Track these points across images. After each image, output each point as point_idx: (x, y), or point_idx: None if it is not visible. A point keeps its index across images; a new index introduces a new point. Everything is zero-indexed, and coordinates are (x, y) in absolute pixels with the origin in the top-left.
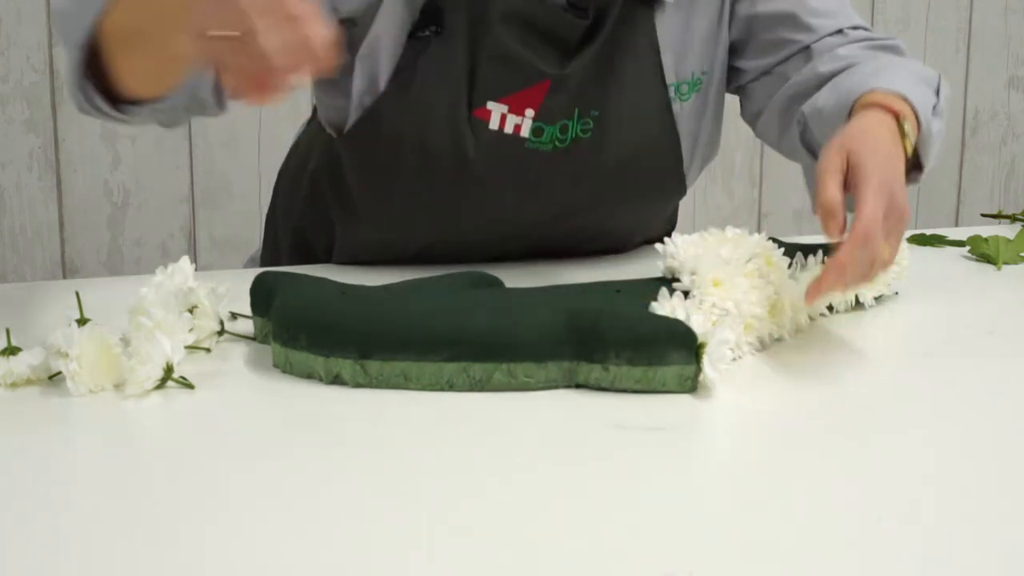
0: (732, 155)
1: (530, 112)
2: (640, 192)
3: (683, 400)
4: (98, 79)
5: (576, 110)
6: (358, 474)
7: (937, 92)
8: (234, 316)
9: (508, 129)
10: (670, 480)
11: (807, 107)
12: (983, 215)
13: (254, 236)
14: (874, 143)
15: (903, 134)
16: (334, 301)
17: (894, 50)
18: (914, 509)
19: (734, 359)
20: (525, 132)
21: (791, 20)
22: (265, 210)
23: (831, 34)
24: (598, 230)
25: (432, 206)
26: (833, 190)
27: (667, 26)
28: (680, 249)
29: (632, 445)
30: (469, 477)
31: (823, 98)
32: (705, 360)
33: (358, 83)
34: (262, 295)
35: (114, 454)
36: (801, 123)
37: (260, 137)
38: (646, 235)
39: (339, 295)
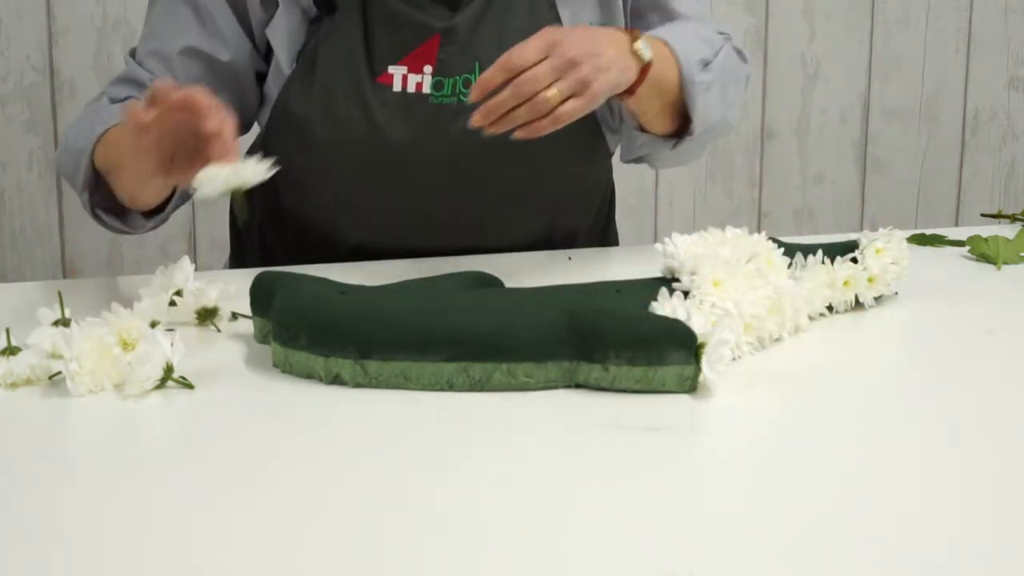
0: (732, 155)
1: (428, 68)
2: (556, 146)
3: (683, 400)
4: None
5: (476, 64)
6: (358, 474)
7: (716, 54)
8: (235, 316)
9: (411, 88)
10: (670, 480)
11: None
12: (983, 215)
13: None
14: (579, 27)
15: (635, 51)
16: (334, 301)
17: (733, 48)
18: (914, 509)
19: (734, 359)
20: (427, 88)
21: (660, 7)
22: None
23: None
24: (526, 192)
25: (354, 186)
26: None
27: None
28: (680, 249)
29: (632, 445)
30: (469, 477)
31: None
32: (704, 360)
33: (272, 76)
34: (262, 295)
35: (114, 454)
36: None
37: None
38: (582, 202)
39: (339, 295)
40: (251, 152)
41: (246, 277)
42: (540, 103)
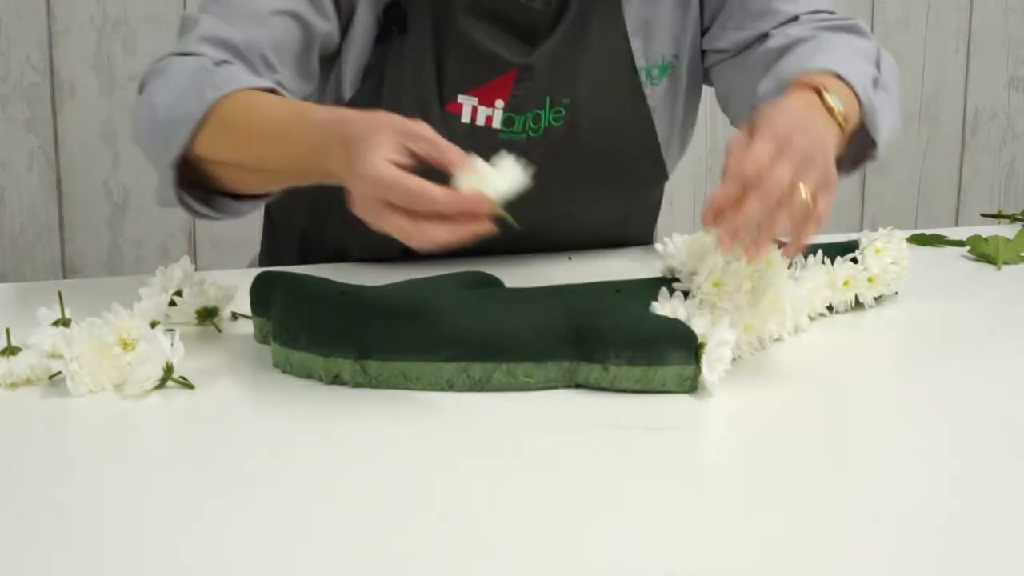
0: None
1: (500, 103)
2: (618, 178)
3: (683, 400)
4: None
5: (547, 99)
6: (358, 473)
7: (877, 65)
8: (235, 316)
9: (480, 121)
10: (670, 480)
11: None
12: (983, 215)
13: (254, 236)
14: (786, 111)
15: (829, 107)
16: (334, 301)
17: (850, 30)
18: (913, 509)
19: (734, 359)
20: (496, 123)
21: (753, 6)
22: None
23: (787, 21)
24: (581, 220)
25: None
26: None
27: (634, 10)
28: (680, 249)
29: (632, 445)
30: (468, 477)
31: (764, 86)
32: (704, 360)
33: (330, 89)
34: (262, 295)
35: (114, 454)
36: (749, 111)
37: None
38: (633, 226)
39: (339, 295)
40: None
41: (246, 277)
42: (799, 208)
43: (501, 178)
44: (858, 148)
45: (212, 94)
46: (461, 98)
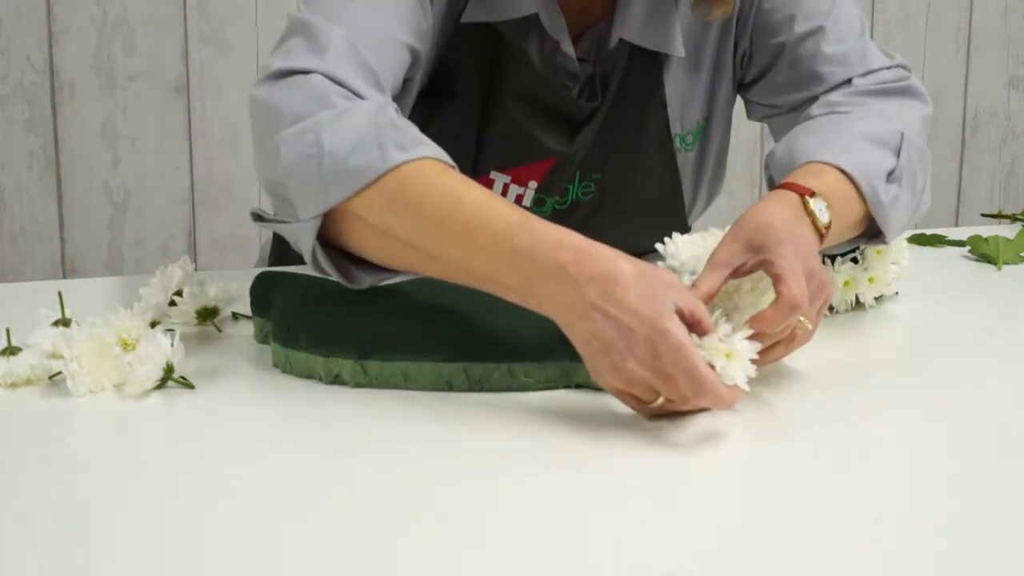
0: (732, 156)
1: (533, 184)
2: (639, 239)
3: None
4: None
5: (577, 174)
6: (358, 473)
7: (898, 153)
8: (235, 317)
9: (509, 198)
10: (669, 480)
11: (769, 154)
12: (983, 215)
13: (254, 236)
14: (787, 233)
15: (810, 212)
16: (334, 301)
17: (902, 93)
18: (913, 509)
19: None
20: (527, 202)
21: (807, 71)
22: None
23: (839, 84)
24: None
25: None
26: (708, 285)
27: (674, 79)
28: (680, 249)
29: (631, 445)
30: (468, 477)
31: (779, 151)
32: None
33: None
34: (262, 295)
35: (114, 454)
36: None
37: None
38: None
39: (339, 295)
40: None
41: (246, 277)
42: (803, 337)
43: (736, 364)
44: (870, 232)
45: (399, 155)
46: (494, 174)
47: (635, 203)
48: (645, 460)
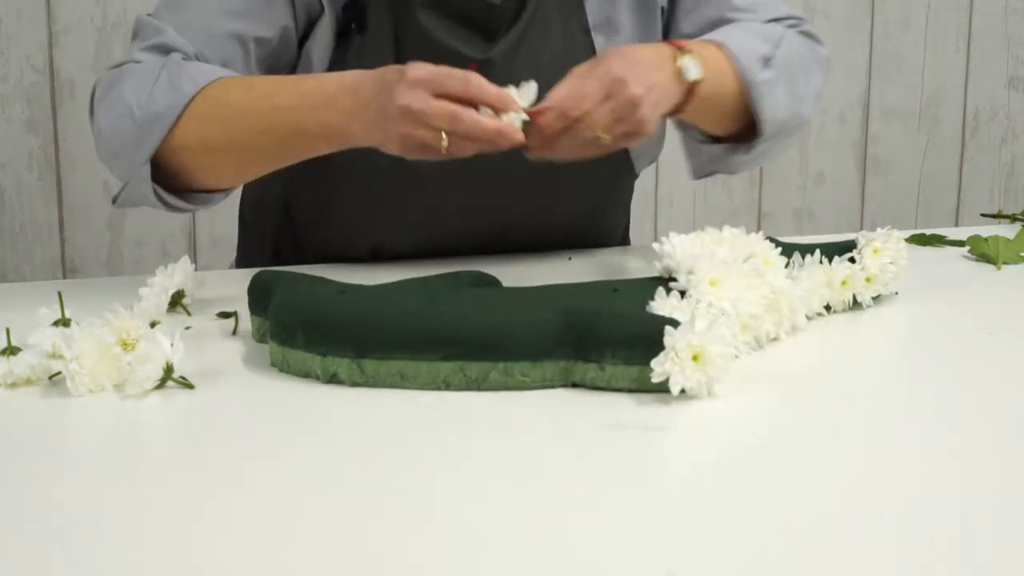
0: None
1: None
2: (584, 172)
3: (679, 400)
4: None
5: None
6: (355, 473)
7: (777, 45)
8: (225, 315)
9: None
10: (668, 480)
11: None
12: (983, 215)
13: None
14: (630, 56)
15: (679, 68)
16: (331, 300)
17: (798, 29)
18: (913, 509)
19: (734, 357)
20: None
21: (716, 24)
22: None
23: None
24: (552, 216)
25: (374, 207)
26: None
27: (595, 6)
28: (677, 248)
29: (628, 445)
30: (466, 476)
31: None
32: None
33: None
34: (260, 294)
35: (114, 454)
36: None
37: None
38: (607, 221)
39: (336, 294)
40: None
41: (245, 277)
42: (593, 143)
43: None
44: (751, 126)
45: (190, 86)
46: None
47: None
48: (644, 460)
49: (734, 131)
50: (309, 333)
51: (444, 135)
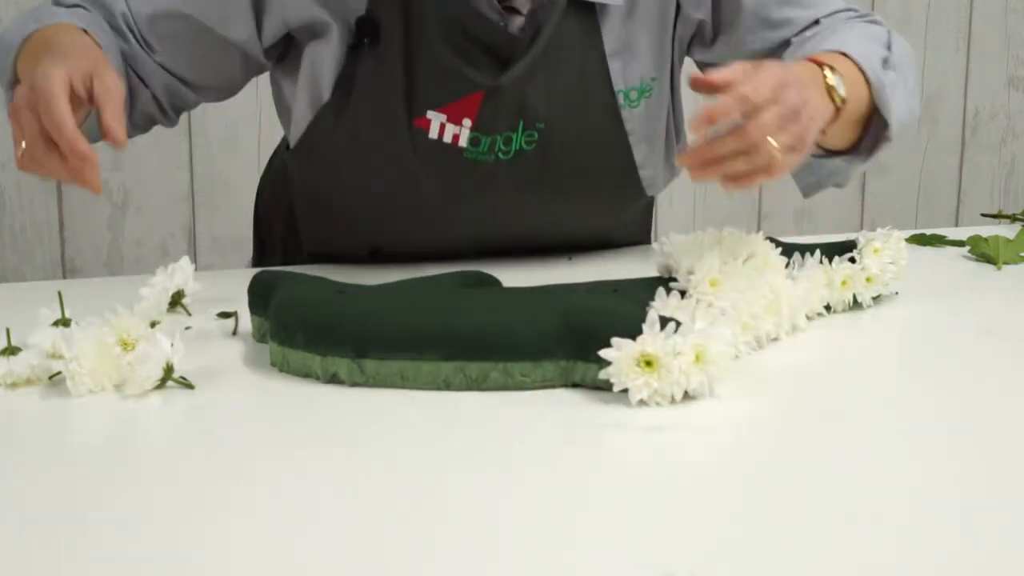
0: None
1: (467, 122)
2: (593, 198)
3: (679, 400)
4: None
5: (520, 122)
6: (355, 473)
7: (888, 47)
8: (225, 315)
9: (447, 138)
10: (667, 480)
11: None
12: (983, 215)
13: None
14: (790, 69)
15: (830, 86)
16: (331, 300)
17: (868, 20)
18: (913, 509)
19: (734, 358)
20: (463, 142)
21: (768, 21)
22: None
23: (808, 26)
24: (552, 237)
25: (374, 217)
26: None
27: (613, 32)
28: (677, 248)
29: (628, 444)
30: (466, 476)
31: (785, 57)
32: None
33: (301, 96)
34: (260, 294)
35: (114, 454)
36: None
37: (260, 137)
38: (619, 237)
39: (336, 294)
40: (273, 168)
41: (245, 277)
42: (765, 156)
43: None
44: (874, 131)
45: (33, 26)
46: (430, 114)
47: (582, 159)
48: (644, 459)
49: (852, 142)
50: (309, 333)
51: (23, 143)
